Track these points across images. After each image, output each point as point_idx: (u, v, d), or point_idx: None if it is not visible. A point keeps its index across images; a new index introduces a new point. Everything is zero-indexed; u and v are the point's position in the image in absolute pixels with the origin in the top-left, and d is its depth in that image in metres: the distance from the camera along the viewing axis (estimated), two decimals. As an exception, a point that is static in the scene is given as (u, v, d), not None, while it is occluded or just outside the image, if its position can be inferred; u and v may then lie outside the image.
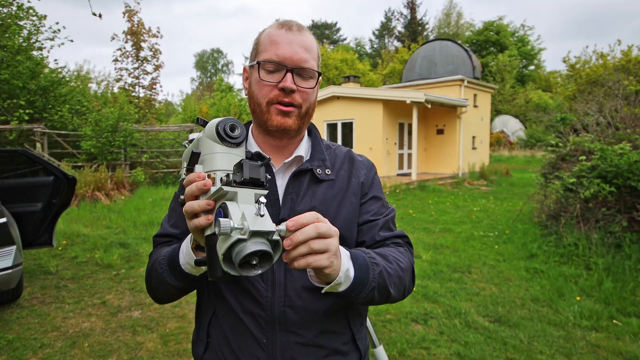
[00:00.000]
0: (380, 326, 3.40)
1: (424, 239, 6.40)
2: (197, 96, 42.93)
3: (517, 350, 2.98)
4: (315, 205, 0.92)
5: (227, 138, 0.72)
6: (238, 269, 0.62)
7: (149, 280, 0.95)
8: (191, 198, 0.70)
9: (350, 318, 0.96)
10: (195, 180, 0.69)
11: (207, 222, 0.68)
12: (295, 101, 0.90)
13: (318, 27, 53.78)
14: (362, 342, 1.00)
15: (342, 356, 0.94)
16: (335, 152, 1.04)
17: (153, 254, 0.97)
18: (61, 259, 5.24)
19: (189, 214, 0.70)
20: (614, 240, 4.84)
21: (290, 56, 0.88)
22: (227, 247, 0.61)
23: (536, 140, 28.60)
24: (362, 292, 0.81)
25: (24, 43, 11.50)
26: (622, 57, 18.55)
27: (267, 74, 0.89)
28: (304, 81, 0.91)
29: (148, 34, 17.39)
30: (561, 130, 8.55)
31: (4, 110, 11.02)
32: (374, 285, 0.82)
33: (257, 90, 0.91)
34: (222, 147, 0.72)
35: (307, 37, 0.92)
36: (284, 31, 0.90)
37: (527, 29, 42.88)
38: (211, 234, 0.67)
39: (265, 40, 0.92)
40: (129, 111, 12.84)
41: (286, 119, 0.90)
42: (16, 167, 4.24)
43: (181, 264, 0.83)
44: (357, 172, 1.02)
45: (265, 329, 0.88)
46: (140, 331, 3.31)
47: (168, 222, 1.01)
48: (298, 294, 0.88)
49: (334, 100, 15.64)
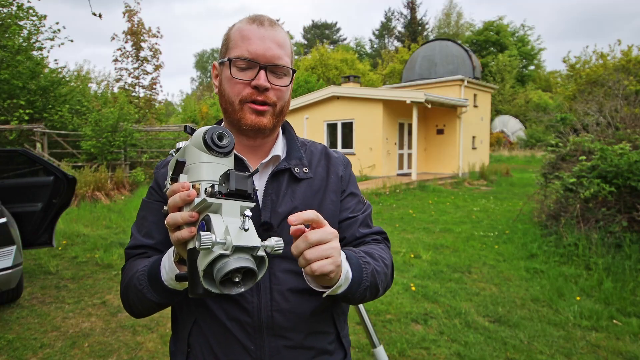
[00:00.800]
0: (380, 326, 3.40)
1: (424, 239, 6.40)
2: (197, 96, 42.91)
3: (517, 350, 2.98)
4: (297, 205, 0.89)
5: (214, 147, 0.68)
6: (219, 286, 0.59)
7: (125, 296, 0.89)
8: (174, 209, 0.67)
9: (335, 317, 0.96)
10: (179, 191, 0.66)
11: (190, 235, 0.64)
12: (269, 99, 0.87)
13: (318, 27, 53.76)
14: (346, 340, 1.00)
15: (329, 355, 0.94)
16: (310, 150, 1.01)
17: (127, 269, 0.91)
18: (61, 259, 5.24)
19: (171, 226, 0.67)
20: (614, 240, 4.84)
21: (263, 52, 0.84)
22: (208, 262, 0.57)
23: (536, 140, 28.61)
24: (357, 292, 0.81)
25: (24, 43, 11.51)
26: (622, 57, 18.56)
27: (239, 71, 0.85)
28: (277, 79, 0.87)
29: (148, 34, 17.39)
30: (561, 130, 8.55)
31: (4, 110, 11.02)
32: (367, 284, 0.82)
33: (229, 88, 0.87)
34: (208, 156, 0.69)
35: (279, 32, 0.88)
36: (255, 26, 0.86)
37: (527, 29, 42.95)
38: (193, 248, 0.63)
39: (235, 36, 0.88)
40: (129, 111, 12.84)
41: (261, 117, 0.87)
42: (16, 167, 4.24)
43: (163, 280, 0.78)
44: (335, 169, 1.00)
45: (253, 335, 0.85)
46: (140, 331, 3.31)
47: (139, 232, 0.94)
48: (284, 297, 0.86)
49: (334, 100, 15.63)
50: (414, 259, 5.27)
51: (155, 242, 0.92)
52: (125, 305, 0.91)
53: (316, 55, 33.76)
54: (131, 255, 0.94)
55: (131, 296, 0.87)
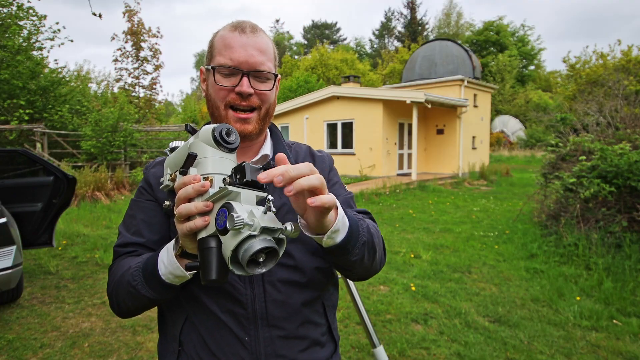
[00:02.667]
0: (380, 326, 3.39)
1: (424, 239, 6.40)
2: (197, 96, 42.91)
3: (517, 350, 2.98)
4: (286, 202, 0.92)
5: (223, 143, 0.72)
6: (245, 267, 0.62)
7: (115, 293, 0.89)
8: (185, 201, 0.68)
9: (327, 308, 0.98)
10: (191, 183, 0.68)
11: (204, 224, 0.66)
12: (254, 103, 0.90)
13: (318, 27, 53.78)
14: (336, 334, 1.02)
15: (321, 347, 0.96)
16: (296, 150, 1.06)
17: (117, 267, 0.91)
18: (61, 259, 5.24)
19: (182, 216, 0.68)
20: (614, 240, 4.84)
21: (245, 60, 0.88)
22: (237, 243, 0.60)
23: (536, 140, 28.61)
24: (357, 246, 0.78)
25: (24, 43, 11.51)
26: (622, 57, 18.58)
27: (223, 77, 0.89)
28: (261, 83, 0.91)
29: (148, 34, 17.40)
30: (561, 130, 8.55)
31: (4, 110, 11.02)
32: (365, 239, 0.81)
33: (214, 94, 0.91)
34: (217, 151, 0.72)
35: (261, 38, 0.91)
36: (237, 34, 0.89)
37: (527, 29, 42.96)
38: (205, 237, 0.66)
39: (219, 44, 0.91)
40: (129, 111, 12.85)
41: (246, 125, 0.91)
42: (16, 167, 4.25)
43: (161, 274, 0.79)
44: (319, 167, 1.03)
45: (247, 327, 0.87)
46: (140, 331, 3.31)
47: (128, 231, 0.95)
48: (276, 288, 0.88)
49: (333, 100, 15.63)
50: (414, 259, 5.27)
51: (145, 240, 0.93)
52: (112, 303, 0.92)
53: (316, 55, 33.76)
54: (120, 253, 0.94)
55: (122, 293, 0.87)
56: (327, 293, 0.99)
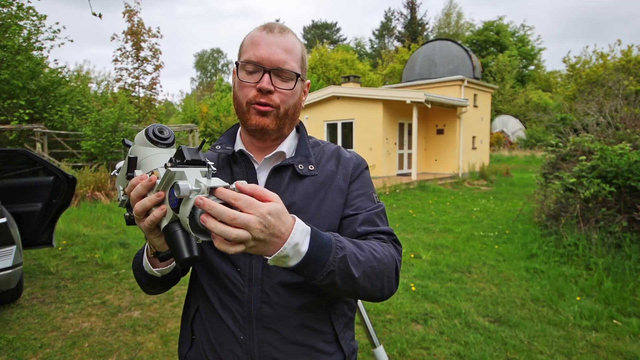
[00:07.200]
0: (380, 326, 3.40)
1: (424, 239, 6.40)
2: (197, 96, 42.94)
3: (517, 350, 2.98)
4: (295, 200, 0.91)
5: (157, 140, 0.76)
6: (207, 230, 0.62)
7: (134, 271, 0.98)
8: (139, 199, 0.70)
9: (333, 317, 0.93)
10: (139, 182, 0.70)
11: (162, 213, 0.68)
12: (273, 102, 0.90)
13: (318, 27, 53.78)
14: (347, 343, 0.96)
15: (326, 356, 0.92)
16: (323, 149, 1.03)
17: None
18: (61, 259, 5.24)
19: (140, 213, 0.70)
20: (614, 240, 4.84)
21: (268, 57, 0.89)
22: (191, 208, 0.62)
23: (536, 140, 28.61)
24: (319, 273, 0.73)
25: (24, 43, 11.51)
26: (622, 57, 18.59)
27: (247, 74, 0.91)
28: (282, 82, 0.91)
29: (148, 34, 17.38)
30: (561, 130, 8.55)
31: (4, 110, 11.02)
32: (333, 268, 0.74)
33: (239, 91, 0.93)
34: (155, 149, 0.76)
35: (288, 38, 0.92)
36: (265, 33, 0.91)
37: (527, 29, 42.95)
38: (168, 224, 0.67)
39: (247, 42, 0.93)
40: (129, 111, 12.84)
41: (264, 118, 0.91)
42: (16, 167, 4.25)
43: (144, 267, 0.89)
44: (344, 169, 0.99)
45: (243, 325, 0.88)
46: (140, 331, 3.31)
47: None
48: (275, 290, 0.88)
49: (334, 100, 15.63)
50: (414, 259, 5.27)
51: None
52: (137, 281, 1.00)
53: (316, 55, 33.74)
54: None
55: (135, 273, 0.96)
56: (335, 300, 0.94)
